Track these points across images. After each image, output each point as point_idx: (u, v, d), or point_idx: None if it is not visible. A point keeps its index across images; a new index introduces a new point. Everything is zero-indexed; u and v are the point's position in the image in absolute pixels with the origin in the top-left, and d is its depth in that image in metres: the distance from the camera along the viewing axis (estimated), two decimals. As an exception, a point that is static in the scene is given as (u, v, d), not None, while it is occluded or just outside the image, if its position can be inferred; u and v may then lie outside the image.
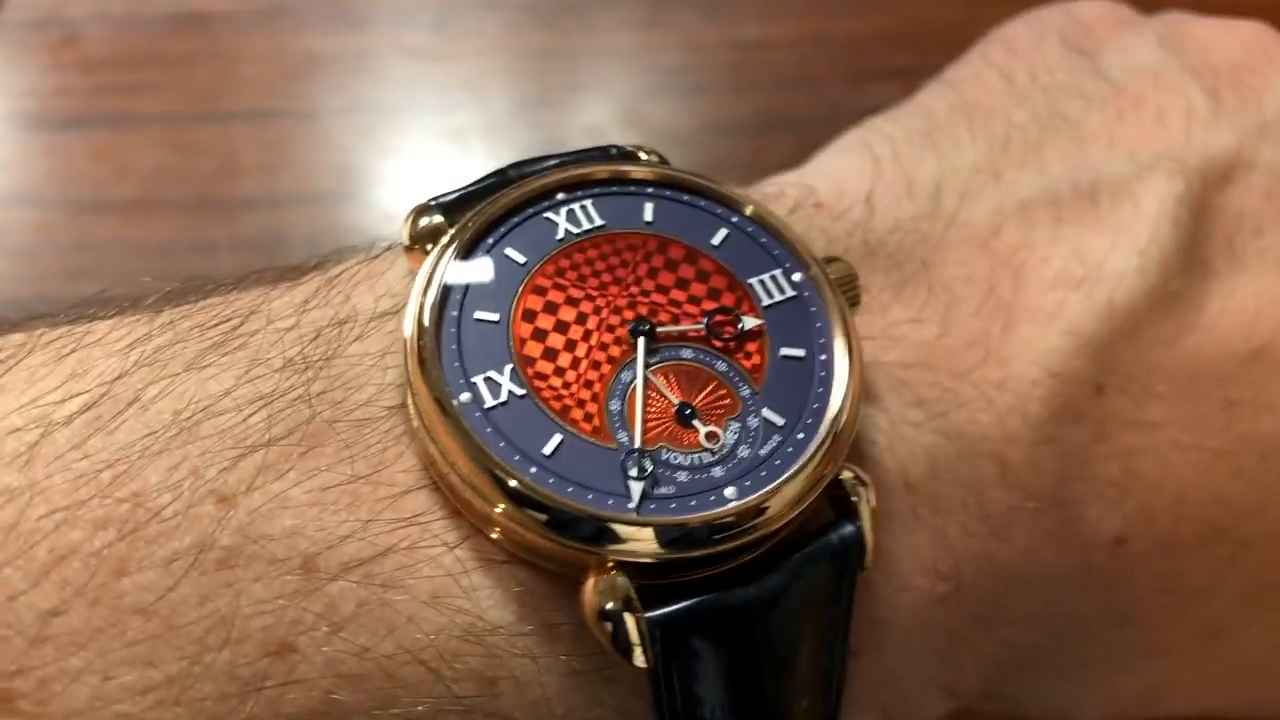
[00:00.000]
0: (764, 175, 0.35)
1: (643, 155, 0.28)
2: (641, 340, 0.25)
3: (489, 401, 0.24)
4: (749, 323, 0.25)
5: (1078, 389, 0.28)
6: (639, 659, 0.22)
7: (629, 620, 0.22)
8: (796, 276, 0.26)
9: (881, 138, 0.33)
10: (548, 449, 0.23)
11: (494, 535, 0.23)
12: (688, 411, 0.24)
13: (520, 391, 0.24)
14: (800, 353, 0.25)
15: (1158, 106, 0.33)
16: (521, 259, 0.25)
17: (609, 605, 0.22)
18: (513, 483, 0.23)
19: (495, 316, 0.25)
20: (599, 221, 0.26)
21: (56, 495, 0.21)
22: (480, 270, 0.25)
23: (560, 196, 0.26)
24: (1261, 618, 0.31)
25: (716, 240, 0.26)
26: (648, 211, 0.27)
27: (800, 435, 0.24)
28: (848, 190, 0.31)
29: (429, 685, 0.22)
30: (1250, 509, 0.30)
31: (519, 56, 0.53)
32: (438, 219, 0.26)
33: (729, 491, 0.23)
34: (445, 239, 0.25)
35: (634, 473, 0.23)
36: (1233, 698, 0.34)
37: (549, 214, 0.26)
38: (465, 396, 0.23)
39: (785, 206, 0.30)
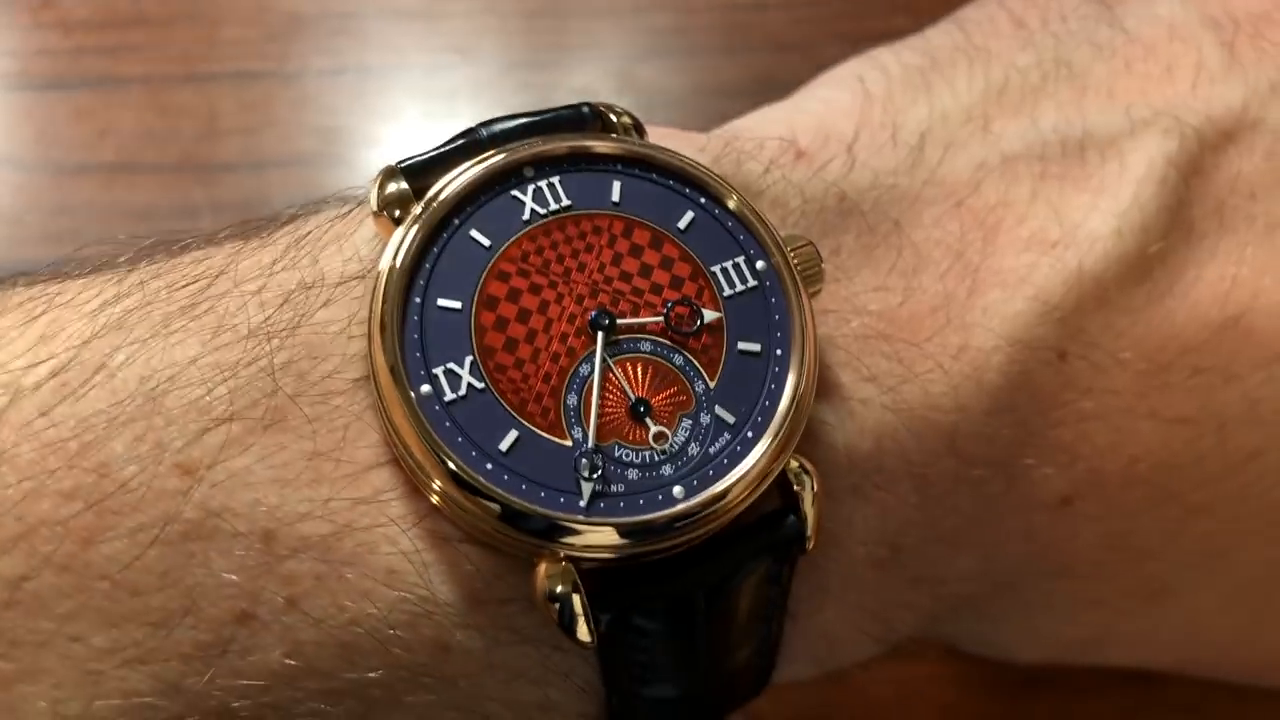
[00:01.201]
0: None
1: (614, 117, 0.27)
2: (600, 335, 0.25)
3: (449, 395, 0.24)
4: (708, 316, 0.26)
5: (1038, 355, 0.28)
6: (583, 633, 0.23)
7: (575, 601, 0.23)
8: (759, 265, 0.26)
9: (878, 72, 0.32)
10: (504, 445, 0.24)
11: (448, 515, 0.24)
12: (642, 408, 0.25)
13: (480, 385, 0.24)
14: (756, 348, 0.26)
15: (1169, 58, 0.32)
16: (486, 242, 0.25)
17: (558, 589, 0.23)
18: (469, 479, 0.23)
19: (458, 304, 0.25)
20: (566, 201, 0.26)
21: (23, 463, 0.22)
22: (445, 254, 0.25)
23: (528, 173, 0.26)
24: (1210, 582, 0.32)
25: (683, 224, 0.26)
26: (615, 191, 0.26)
27: (749, 434, 0.25)
28: (832, 134, 0.30)
29: (381, 654, 0.23)
30: (1204, 477, 0.30)
31: (509, 17, 0.52)
32: (404, 185, 0.25)
33: (677, 490, 0.24)
34: (412, 215, 0.25)
35: (585, 472, 0.24)
36: (1171, 655, 0.34)
37: (516, 192, 0.26)
38: (425, 389, 0.24)
39: (762, 162, 0.29)
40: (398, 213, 0.25)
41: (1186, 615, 0.32)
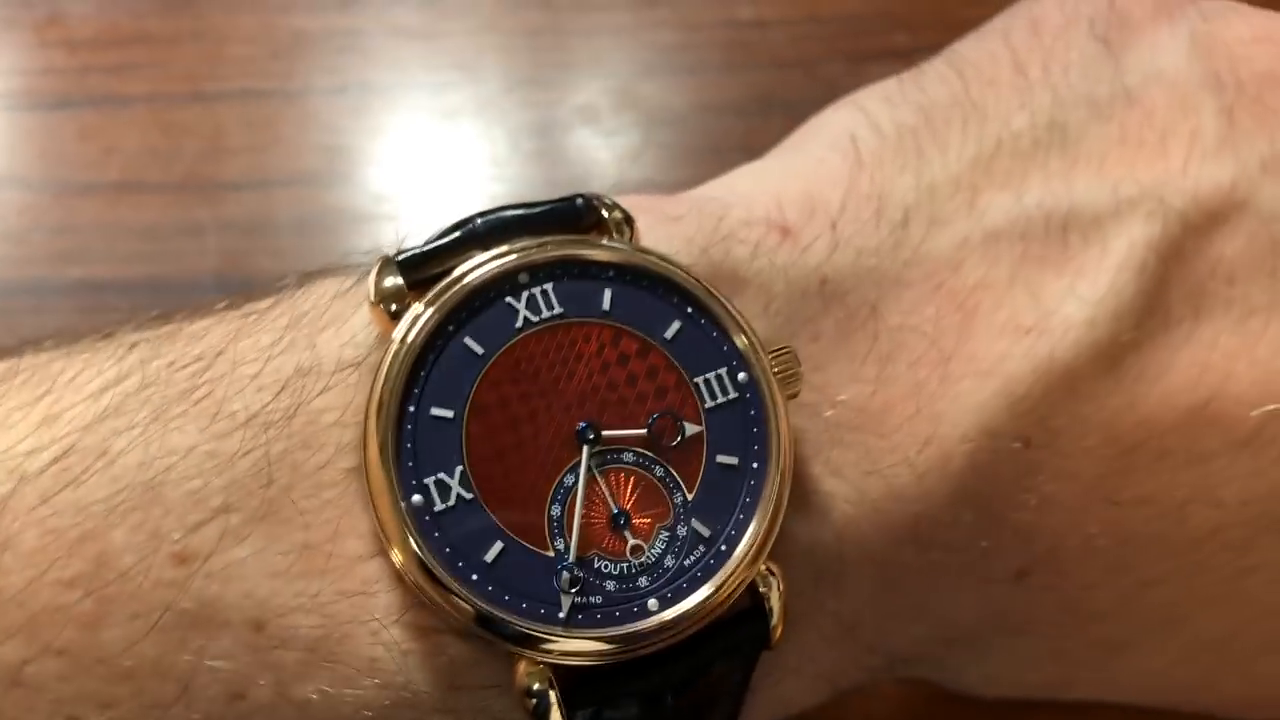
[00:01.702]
0: (758, 155, 0.35)
1: (605, 211, 0.28)
2: (586, 449, 0.26)
3: (438, 505, 0.25)
4: (689, 430, 0.26)
5: (1003, 444, 0.28)
6: (555, 717, 0.24)
7: (551, 697, 0.24)
8: (741, 376, 0.27)
9: (871, 131, 0.32)
10: (489, 556, 0.25)
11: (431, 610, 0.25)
12: (622, 520, 0.26)
13: (468, 496, 0.25)
14: (734, 461, 0.26)
15: (1165, 126, 0.31)
16: (479, 350, 0.26)
17: (534, 686, 0.24)
18: (454, 590, 0.24)
19: (450, 414, 0.25)
20: (558, 309, 0.27)
21: (26, 551, 0.23)
22: (439, 362, 0.26)
23: (522, 279, 0.26)
24: (1167, 645, 0.32)
25: (669, 334, 0.27)
26: (606, 299, 0.27)
27: (724, 547, 0.26)
28: (818, 206, 0.30)
29: None
30: (1162, 552, 0.30)
31: (511, 35, 0.53)
32: (399, 281, 0.26)
33: (652, 603, 0.25)
34: (409, 319, 0.26)
35: (566, 586, 0.25)
36: (1136, 696, 0.35)
37: (510, 299, 0.26)
38: (416, 499, 0.25)
39: (749, 246, 0.29)
40: (394, 307, 0.26)
41: (1146, 668, 0.33)
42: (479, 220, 0.27)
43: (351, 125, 0.50)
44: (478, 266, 0.26)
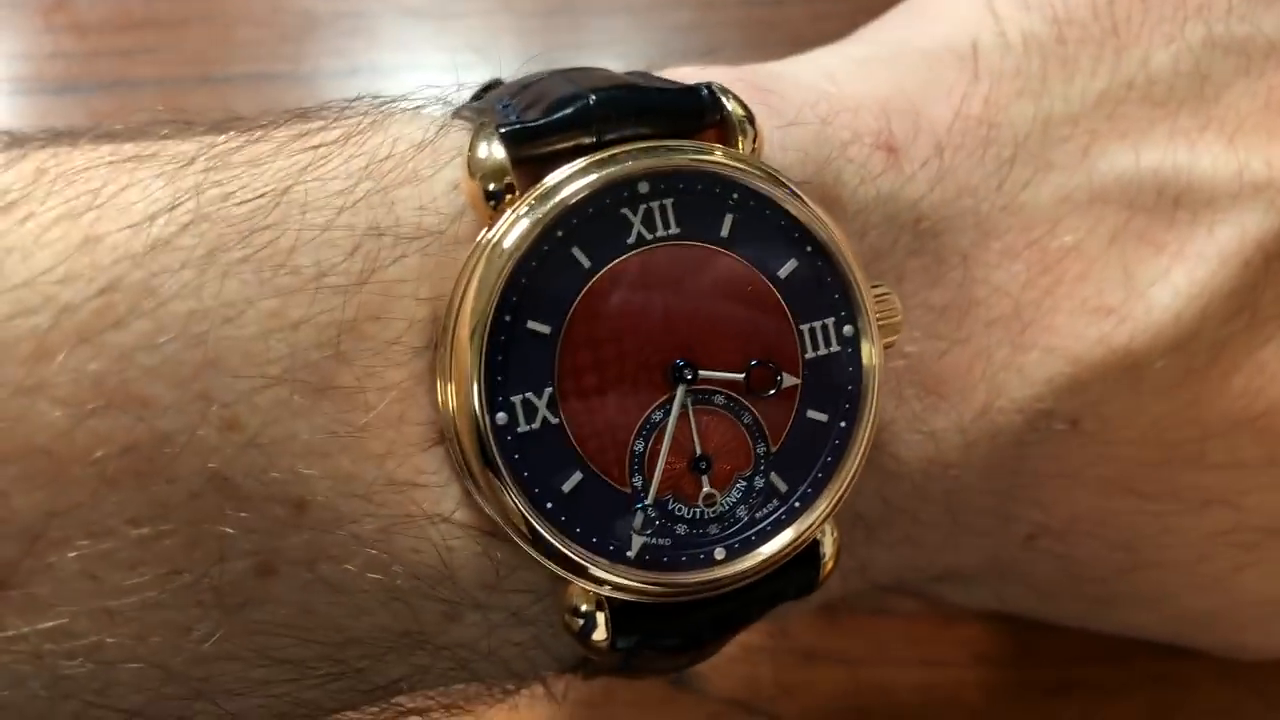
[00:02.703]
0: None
1: (728, 105, 0.25)
2: (680, 389, 0.24)
3: (523, 427, 0.23)
4: (787, 381, 0.25)
5: (1054, 422, 0.28)
6: (600, 644, 0.24)
7: (600, 620, 0.24)
8: (846, 330, 0.25)
9: (995, 38, 0.29)
10: (567, 486, 0.23)
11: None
12: (703, 464, 0.24)
13: (554, 420, 0.23)
14: (824, 418, 0.25)
15: None
16: (586, 262, 0.24)
17: (583, 607, 0.24)
18: (527, 518, 0.23)
19: (547, 329, 0.23)
20: (675, 229, 0.24)
21: (60, 395, 0.20)
22: (543, 269, 0.23)
23: (642, 189, 0.24)
24: (1151, 612, 0.33)
25: (784, 273, 0.25)
26: (726, 225, 0.25)
27: (797, 504, 0.25)
28: (924, 125, 0.28)
29: (389, 621, 0.23)
30: (1172, 542, 0.30)
31: (525, 15, 0.52)
32: (502, 156, 0.23)
33: (719, 553, 0.24)
34: (510, 218, 0.23)
35: (639, 525, 0.24)
36: (1107, 631, 0.35)
37: (626, 209, 0.24)
38: (501, 417, 0.23)
39: (856, 166, 0.27)
40: (492, 186, 0.23)
41: (1127, 622, 0.34)
42: (592, 97, 0.24)
43: (363, 108, 0.49)
44: (593, 165, 0.23)
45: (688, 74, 0.27)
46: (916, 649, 0.39)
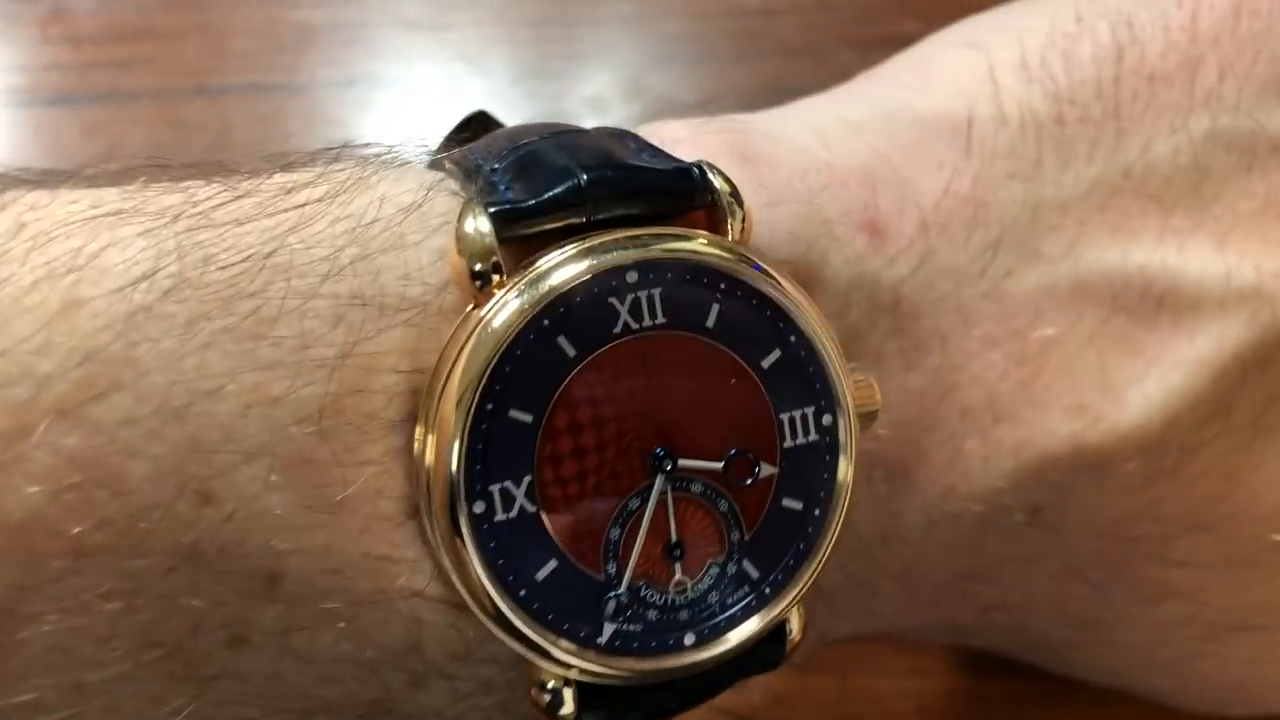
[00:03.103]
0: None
1: (717, 183, 0.25)
2: (660, 478, 0.24)
3: (499, 515, 0.23)
4: (765, 470, 0.25)
5: (1016, 514, 0.28)
6: (567, 712, 0.24)
7: (567, 697, 0.24)
8: (825, 420, 0.25)
9: (992, 110, 0.28)
10: (541, 575, 0.23)
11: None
12: (677, 552, 0.24)
13: (531, 508, 0.23)
14: (798, 506, 0.25)
15: None
16: (570, 351, 0.23)
17: (551, 684, 0.24)
18: (498, 606, 0.23)
19: (528, 418, 0.23)
20: (661, 319, 0.24)
21: (36, 471, 0.20)
22: (528, 358, 0.23)
23: (631, 278, 0.23)
24: (1114, 679, 0.34)
25: (767, 363, 0.25)
26: (712, 315, 0.24)
27: (767, 590, 0.25)
28: (910, 202, 0.28)
29: (357, 689, 0.23)
30: (1128, 628, 0.31)
31: (518, 26, 0.52)
32: (488, 235, 0.22)
33: (688, 639, 0.24)
34: (497, 303, 0.23)
35: (611, 613, 0.24)
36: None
37: (613, 299, 0.23)
38: (478, 507, 0.23)
39: (841, 245, 0.27)
40: (478, 266, 0.22)
41: (1097, 682, 0.34)
42: (584, 176, 0.23)
43: (358, 118, 0.50)
44: (584, 253, 0.23)
45: (677, 133, 0.27)
46: (907, 658, 0.39)
